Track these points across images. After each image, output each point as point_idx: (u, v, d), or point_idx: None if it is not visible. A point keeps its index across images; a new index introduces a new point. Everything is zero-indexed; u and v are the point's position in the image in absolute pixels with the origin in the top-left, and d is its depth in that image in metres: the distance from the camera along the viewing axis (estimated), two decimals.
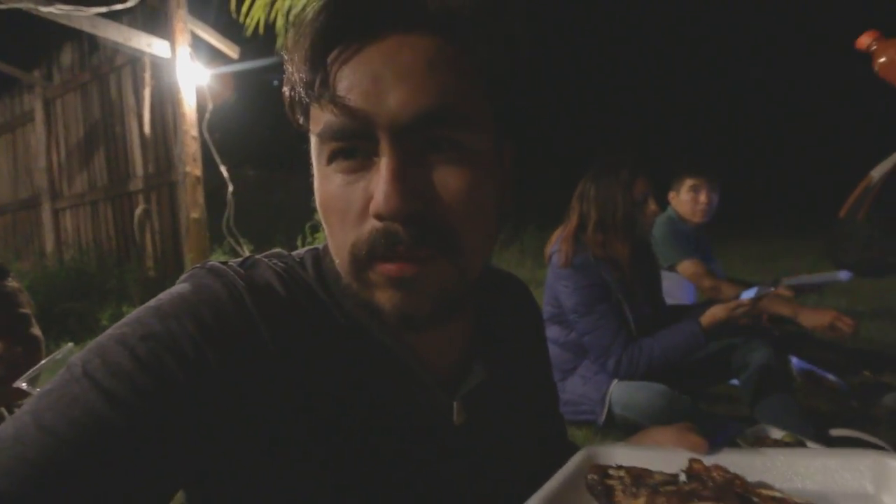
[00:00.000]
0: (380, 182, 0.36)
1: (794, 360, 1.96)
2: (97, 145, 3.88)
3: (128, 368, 0.34)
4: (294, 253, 0.48)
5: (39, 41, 4.05)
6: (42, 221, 4.38)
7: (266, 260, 0.44)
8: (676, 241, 2.13)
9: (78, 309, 2.85)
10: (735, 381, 1.61)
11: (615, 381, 1.53)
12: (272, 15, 2.94)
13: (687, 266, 2.09)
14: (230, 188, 3.06)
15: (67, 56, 4.06)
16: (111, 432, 0.32)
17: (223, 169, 3.04)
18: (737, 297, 1.91)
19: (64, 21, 2.56)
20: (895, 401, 1.70)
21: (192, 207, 3.04)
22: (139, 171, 3.55)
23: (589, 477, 0.42)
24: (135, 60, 3.41)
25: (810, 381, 1.86)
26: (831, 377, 1.87)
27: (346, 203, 0.38)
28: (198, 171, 3.04)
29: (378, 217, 0.36)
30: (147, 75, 3.32)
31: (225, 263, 0.42)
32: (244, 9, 2.87)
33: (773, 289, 1.65)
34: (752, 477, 0.42)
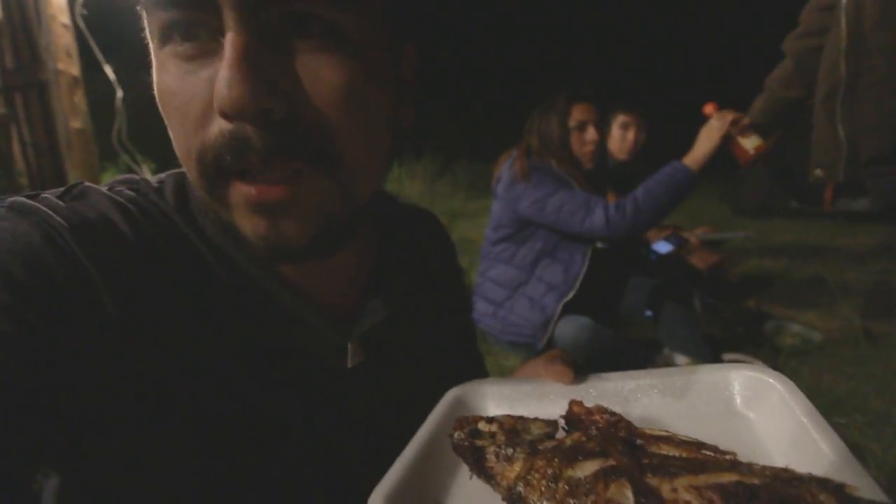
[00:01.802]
0: (223, 67, 0.27)
1: (697, 292, 2.19)
2: None
3: None
4: (153, 177, 0.38)
5: None
6: None
7: (102, 188, 0.35)
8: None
9: None
10: (648, 313, 1.76)
11: (559, 306, 1.56)
12: None
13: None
14: (119, 93, 2.59)
15: None
16: None
17: (108, 69, 2.55)
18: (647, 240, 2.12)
19: None
20: (774, 328, 1.97)
21: (72, 115, 2.55)
22: None
23: (455, 435, 0.35)
24: None
25: (707, 311, 2.08)
26: (724, 307, 2.12)
27: (186, 98, 0.29)
28: (74, 70, 2.52)
29: (223, 114, 0.28)
30: None
31: (37, 196, 0.32)
32: None
33: (687, 238, 1.82)
34: (627, 402, 0.41)
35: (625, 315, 1.82)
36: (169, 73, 0.30)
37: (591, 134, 1.60)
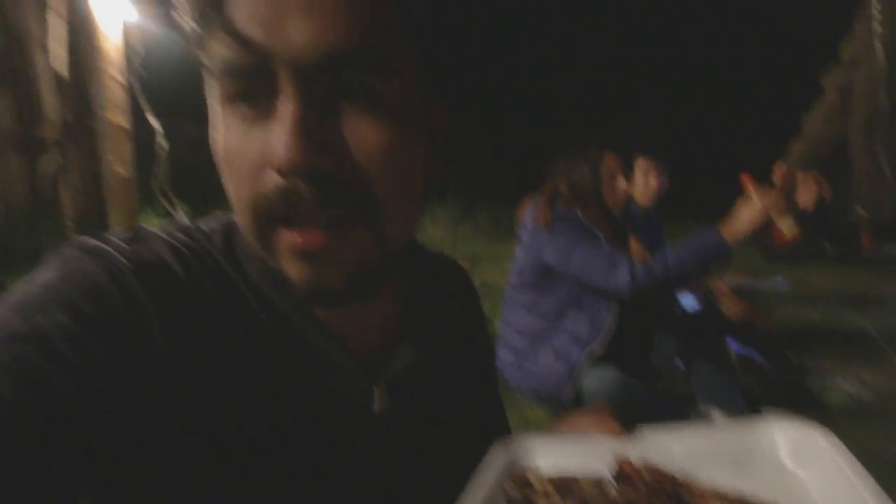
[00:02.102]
0: (280, 130, 0.31)
1: (731, 343, 2.09)
2: None
3: None
4: (203, 223, 0.42)
5: None
6: None
7: (160, 232, 0.38)
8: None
9: None
10: (679, 364, 1.68)
11: (585, 357, 1.51)
12: None
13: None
14: (162, 142, 2.76)
15: None
16: None
17: (153, 119, 2.72)
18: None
19: None
20: (819, 383, 1.85)
21: (118, 163, 2.71)
22: (53, 116, 3.11)
23: (508, 490, 0.38)
24: None
25: (743, 363, 1.98)
26: (759, 359, 2.01)
27: (243, 155, 0.33)
28: (123, 122, 2.70)
29: (278, 171, 0.32)
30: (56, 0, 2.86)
31: (104, 238, 0.36)
32: None
33: (715, 290, 1.76)
34: (675, 460, 0.41)
35: (655, 366, 1.74)
36: (230, 132, 0.34)
37: (622, 183, 1.60)
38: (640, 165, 2.23)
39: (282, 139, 0.31)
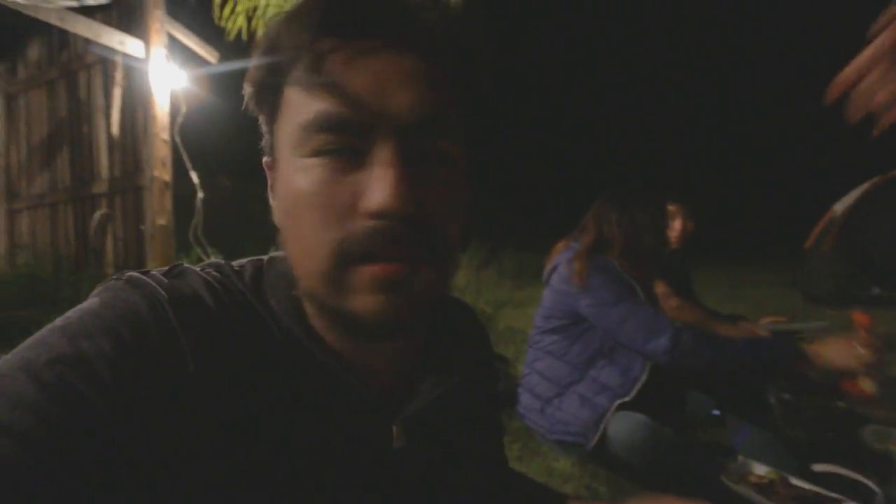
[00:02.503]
0: (384, 179, 0.36)
1: (771, 389, 1.97)
2: (61, 145, 3.69)
3: (32, 398, 0.30)
4: (235, 263, 0.45)
5: (3, 33, 3.86)
6: None
7: (197, 269, 0.41)
8: None
9: (24, 317, 2.65)
10: (716, 411, 1.59)
11: (615, 406, 1.44)
12: (254, 24, 2.88)
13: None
14: (200, 195, 2.94)
15: (34, 50, 3.89)
16: (15, 476, 0.28)
17: (194, 175, 2.92)
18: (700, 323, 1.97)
19: (30, 13, 2.43)
20: (873, 433, 1.70)
21: (159, 214, 2.89)
22: (104, 173, 3.38)
23: None
24: (106, 59, 3.28)
25: (787, 411, 1.84)
26: (806, 406, 1.87)
27: (332, 198, 0.37)
28: (167, 177, 2.90)
29: (379, 215, 0.36)
30: (119, 75, 3.19)
31: (147, 273, 0.39)
32: (226, 12, 2.80)
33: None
34: None
35: (691, 414, 1.64)
36: (313, 178, 0.38)
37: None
38: (669, 210, 2.23)
39: (384, 187, 0.35)
